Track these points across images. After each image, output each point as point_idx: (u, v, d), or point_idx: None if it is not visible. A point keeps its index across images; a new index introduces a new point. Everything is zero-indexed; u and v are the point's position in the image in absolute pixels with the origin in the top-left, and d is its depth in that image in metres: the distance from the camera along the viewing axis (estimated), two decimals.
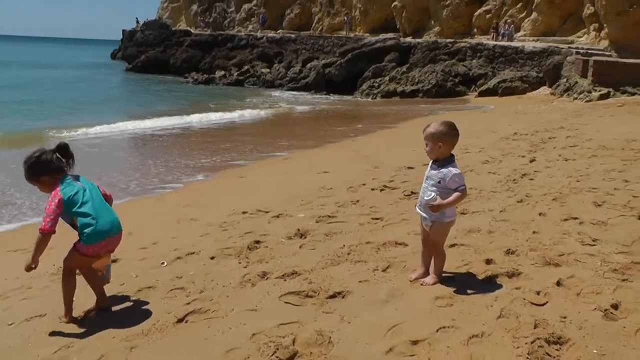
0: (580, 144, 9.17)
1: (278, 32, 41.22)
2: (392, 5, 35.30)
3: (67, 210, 3.07)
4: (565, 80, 21.87)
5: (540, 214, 4.91)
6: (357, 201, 6.07)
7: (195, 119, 17.83)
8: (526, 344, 2.58)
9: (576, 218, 4.67)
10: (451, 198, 3.25)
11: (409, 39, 32.46)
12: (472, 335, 2.71)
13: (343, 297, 3.32)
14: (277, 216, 5.59)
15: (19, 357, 2.87)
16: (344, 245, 4.36)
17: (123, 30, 55.70)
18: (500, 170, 7.33)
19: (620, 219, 4.57)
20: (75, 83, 30.97)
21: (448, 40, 29.97)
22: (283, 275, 3.73)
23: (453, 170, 3.27)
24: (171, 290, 3.62)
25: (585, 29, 25.51)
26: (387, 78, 28.31)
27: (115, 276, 3.70)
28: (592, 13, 23.77)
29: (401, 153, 10.21)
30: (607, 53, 21.97)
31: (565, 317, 2.85)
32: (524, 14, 29.38)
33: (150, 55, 40.15)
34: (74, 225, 3.15)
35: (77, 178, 3.24)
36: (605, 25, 22.72)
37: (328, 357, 2.58)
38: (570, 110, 16.48)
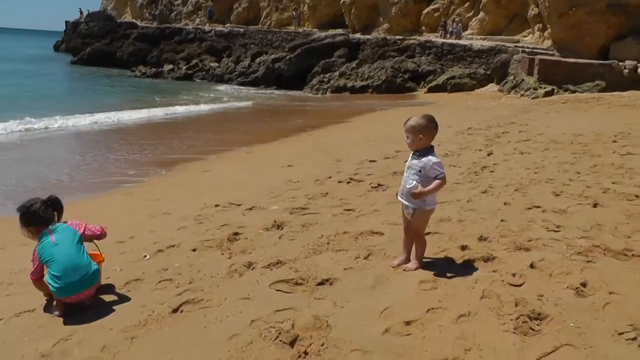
0: (532, 138, 9.67)
1: (226, 26, 40.74)
2: (341, 2, 35.54)
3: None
4: (512, 77, 22.80)
5: (505, 204, 5.20)
6: (327, 193, 6.20)
7: (145, 114, 17.45)
8: (511, 320, 2.79)
9: (539, 207, 4.98)
10: (431, 186, 3.42)
11: (358, 35, 32.80)
12: (459, 314, 2.90)
13: (331, 284, 3.44)
14: (251, 208, 5.64)
15: (16, 351, 2.83)
16: (322, 235, 4.48)
17: (66, 22, 53.48)
18: (460, 163, 7.64)
19: (577, 207, 4.92)
20: (18, 76, 29.43)
21: (397, 37, 30.44)
22: (269, 265, 3.81)
23: (433, 159, 3.44)
24: (159, 282, 3.63)
25: (530, 29, 26.64)
26: (336, 73, 28.59)
27: None
28: (537, 14, 24.85)
29: (360, 147, 10.41)
30: (551, 52, 23.04)
31: (541, 296, 3.08)
32: (472, 13, 30.32)
33: (96, 47, 38.73)
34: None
35: (54, 230, 3.28)
36: (548, 25, 23.79)
37: (328, 339, 2.69)
38: (519, 106, 17.24)
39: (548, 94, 19.76)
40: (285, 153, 10.34)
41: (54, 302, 3.25)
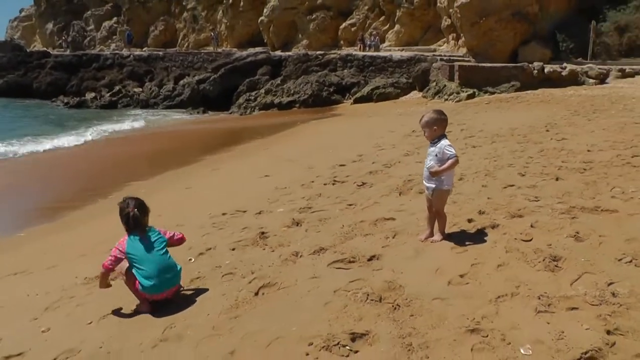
0: (475, 134, 10.80)
1: (144, 49, 40.21)
2: (259, 20, 36.33)
3: (128, 260, 3.60)
4: (434, 84, 24.46)
5: (483, 186, 6.07)
6: (320, 194, 6.78)
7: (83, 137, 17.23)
8: (538, 262, 3.56)
9: (512, 185, 5.89)
10: (446, 164, 4.15)
11: (279, 53, 33.65)
12: (497, 265, 3.63)
13: (378, 259, 4.05)
14: (259, 213, 6.11)
15: (129, 341, 3.17)
16: (343, 226, 5.08)
17: None
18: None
19: (543, 182, 5.88)
20: None
21: (318, 52, 31.50)
22: (314, 252, 4.35)
23: (445, 142, 4.18)
24: (223, 276, 4.07)
25: (445, 39, 28.73)
26: (262, 91, 28.98)
27: None
28: (450, 24, 26.89)
29: (321, 155, 11.04)
30: (467, 59, 25.02)
31: (550, 245, 3.89)
32: (387, 26, 32.14)
33: (10, 79, 36.69)
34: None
35: (148, 232, 3.70)
36: (461, 34, 25.84)
37: (407, 295, 3.30)
38: (448, 109, 18.58)
39: (470, 96, 21.46)
40: (252, 166, 10.78)
41: (136, 305, 3.62)
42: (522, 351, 2.52)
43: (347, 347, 2.73)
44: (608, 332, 2.62)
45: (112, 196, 8.79)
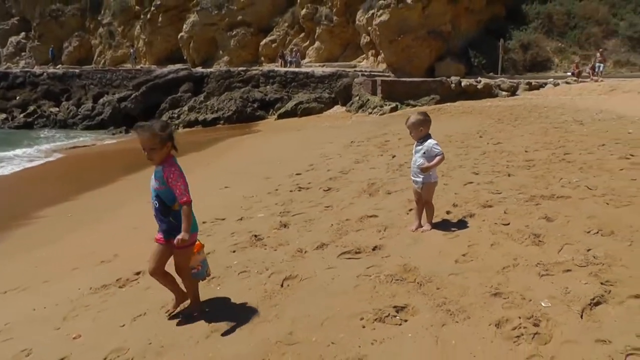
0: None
1: (58, 67, 38.29)
2: (179, 36, 36.02)
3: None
4: (357, 98, 25.53)
5: (444, 184, 6.68)
6: (291, 200, 7.09)
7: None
8: (525, 239, 4.15)
9: (471, 182, 6.57)
10: (434, 161, 4.68)
11: (200, 69, 33.51)
12: (491, 244, 4.18)
13: (381, 249, 4.46)
14: (240, 219, 6.30)
15: (179, 335, 3.32)
16: (332, 224, 5.44)
17: None
18: (377, 165, 9.07)
19: (498, 178, 6.61)
20: None
21: (240, 68, 31.74)
22: (317, 248, 4.68)
23: (432, 142, 4.72)
24: (238, 274, 4.28)
25: (364, 55, 30.07)
26: (185, 108, 28.79)
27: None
28: (369, 41, 28.26)
29: (271, 166, 11.27)
30: (387, 74, 26.40)
31: (527, 226, 4.51)
32: (307, 42, 33.08)
33: None
34: (168, 212, 3.31)
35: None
36: (381, 51, 27.22)
37: (424, 274, 3.72)
38: (376, 121, 19.65)
39: (393, 109, 22.69)
40: (206, 179, 10.81)
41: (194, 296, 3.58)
42: (542, 304, 3.03)
43: (398, 317, 3.11)
44: (602, 284, 3.21)
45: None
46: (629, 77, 20.21)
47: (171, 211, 3.34)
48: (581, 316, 2.87)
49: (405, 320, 3.08)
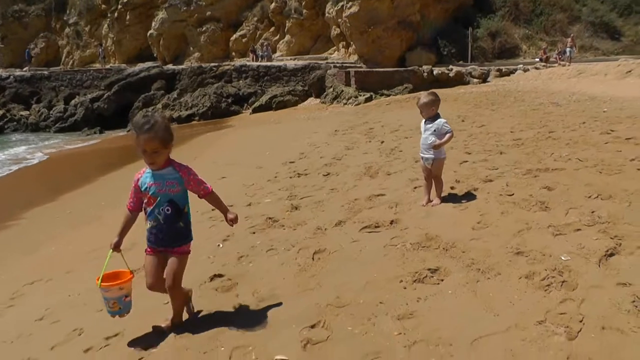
0: (398, 129, 11.93)
1: (25, 69, 37.23)
2: (148, 34, 35.60)
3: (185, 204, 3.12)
4: (332, 89, 25.79)
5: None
6: (294, 186, 7.31)
7: None
8: (532, 206, 4.50)
9: (466, 161, 6.92)
10: (445, 138, 4.98)
11: (172, 66, 33.22)
12: (500, 212, 4.51)
13: (398, 223, 4.74)
14: (249, 205, 6.50)
15: (223, 307, 3.52)
16: (342, 205, 5.70)
17: None
18: (369, 151, 9.36)
19: (492, 156, 6.99)
20: None
21: (212, 64, 31.63)
22: (336, 225, 4.93)
23: (442, 120, 5.02)
24: (266, 251, 4.49)
25: (335, 47, 30.34)
26: (159, 106, 28.57)
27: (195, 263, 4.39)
28: (339, 33, 28.54)
29: (262, 156, 11.34)
30: (359, 65, 26.73)
31: (531, 195, 4.87)
32: (278, 36, 33.15)
33: None
34: (180, 216, 3.09)
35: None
36: (352, 42, 27.53)
37: (447, 241, 4.00)
38: (353, 111, 19.97)
39: (368, 99, 23.03)
40: (200, 171, 10.88)
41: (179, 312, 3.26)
42: (562, 258, 3.37)
43: (434, 277, 3.39)
44: (611, 238, 3.57)
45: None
46: (593, 61, 21.13)
47: (182, 215, 3.12)
48: (599, 266, 3.22)
49: (442, 280, 3.37)
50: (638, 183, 4.74)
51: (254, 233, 5.15)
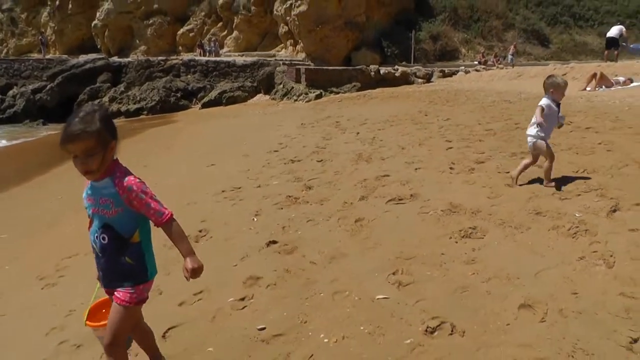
0: (364, 122, 12.54)
1: None
2: (92, 25, 34.47)
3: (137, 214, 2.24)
4: (281, 86, 26.26)
5: (428, 150, 7.77)
6: (294, 170, 7.68)
7: None
8: (533, 179, 5.29)
9: (451, 147, 7.70)
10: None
11: (118, 59, 32.43)
12: (505, 184, 5.27)
13: (417, 197, 5.33)
14: (259, 186, 6.89)
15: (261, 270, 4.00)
16: (355, 184, 6.25)
17: None
18: (349, 140, 9.93)
19: (472, 143, 7.79)
20: None
21: (160, 58, 31.30)
22: (360, 199, 5.50)
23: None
24: (307, 222, 4.97)
25: (283, 44, 30.79)
26: (106, 98, 28.03)
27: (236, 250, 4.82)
28: (287, 31, 29.03)
29: (240, 146, 11.40)
30: (307, 63, 27.35)
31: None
32: (226, 32, 33.16)
33: None
34: (125, 248, 2.25)
35: None
36: (300, 40, 28.11)
37: (471, 209, 4.69)
38: (308, 107, 20.52)
39: (318, 96, 23.70)
40: (182, 160, 11.00)
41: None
42: (577, 215, 4.15)
43: (478, 234, 4.07)
44: (610, 199, 4.40)
45: None
46: (527, 65, 23.05)
47: (128, 246, 2.26)
48: (608, 218, 4.02)
49: (485, 235, 4.04)
50: (611, 161, 5.68)
51: (281, 209, 5.58)
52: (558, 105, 4.99)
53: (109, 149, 2.17)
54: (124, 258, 2.25)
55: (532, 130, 5.05)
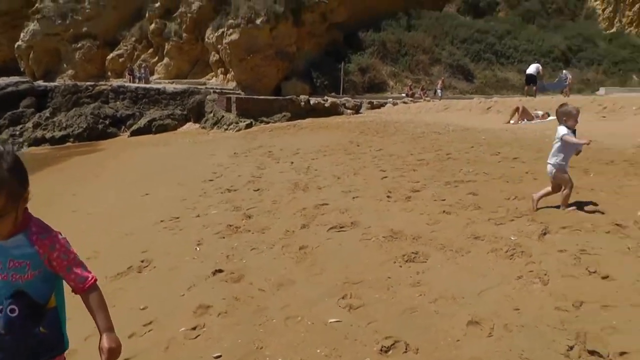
0: (296, 151, 12.47)
1: None
2: (16, 45, 32.63)
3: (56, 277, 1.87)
4: (212, 115, 26.01)
5: (364, 179, 7.94)
6: (231, 199, 7.54)
7: None
8: (468, 206, 5.54)
9: (386, 177, 7.91)
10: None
11: (43, 83, 30.82)
12: (442, 211, 5.48)
13: (357, 224, 5.40)
14: (197, 216, 6.68)
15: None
16: (294, 213, 6.25)
17: None
18: (284, 170, 9.94)
19: (406, 173, 8.05)
20: None
21: (88, 83, 30.02)
22: (301, 228, 5.50)
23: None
24: (251, 250, 4.91)
25: (213, 72, 30.63)
26: (30, 124, 26.49)
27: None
28: (218, 59, 28.96)
29: (173, 174, 11.20)
30: (237, 92, 27.35)
31: (460, 199, 5.93)
32: (156, 58, 32.54)
33: None
34: (40, 317, 1.84)
35: None
36: (230, 69, 28.11)
37: (411, 235, 4.82)
38: (239, 136, 20.46)
39: (248, 126, 23.70)
40: (113, 188, 10.49)
41: None
42: (512, 238, 4.38)
43: (421, 258, 4.18)
44: (540, 223, 4.69)
45: None
46: (453, 99, 24.35)
47: (44, 314, 1.86)
48: (539, 241, 4.28)
49: (427, 259, 4.17)
50: (538, 188, 6.06)
51: (223, 238, 5.49)
52: (574, 132, 5.03)
53: (21, 202, 1.73)
54: (38, 329, 1.82)
55: (553, 159, 5.12)
